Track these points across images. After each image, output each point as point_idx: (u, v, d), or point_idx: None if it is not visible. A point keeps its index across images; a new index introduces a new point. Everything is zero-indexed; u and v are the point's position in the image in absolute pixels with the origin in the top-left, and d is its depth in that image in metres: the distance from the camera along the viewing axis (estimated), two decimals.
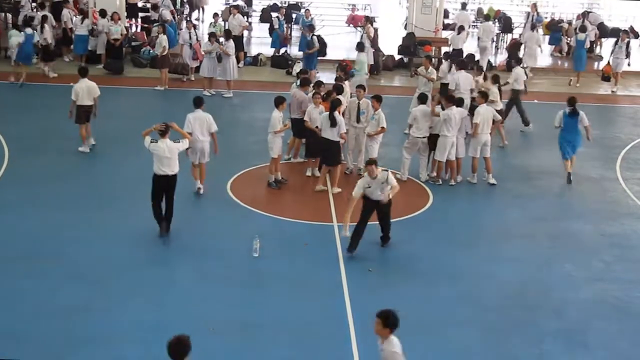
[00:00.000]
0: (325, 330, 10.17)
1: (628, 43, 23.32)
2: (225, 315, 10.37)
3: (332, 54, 25.33)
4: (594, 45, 28.54)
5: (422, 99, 15.48)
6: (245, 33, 25.99)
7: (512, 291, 11.45)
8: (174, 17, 26.08)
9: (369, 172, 11.97)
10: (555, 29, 28.61)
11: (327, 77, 20.09)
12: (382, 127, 14.80)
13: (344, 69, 18.23)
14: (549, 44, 28.78)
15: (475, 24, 29.46)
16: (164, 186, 12.39)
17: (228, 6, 27.45)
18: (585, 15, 28.10)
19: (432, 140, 15.28)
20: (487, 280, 11.84)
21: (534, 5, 27.32)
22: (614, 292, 11.59)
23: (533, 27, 26.18)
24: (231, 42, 21.03)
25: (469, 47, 25.10)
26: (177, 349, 7.06)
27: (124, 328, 9.95)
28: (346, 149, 15.65)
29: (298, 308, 10.69)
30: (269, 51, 25.51)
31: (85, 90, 15.93)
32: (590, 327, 10.63)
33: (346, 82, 16.68)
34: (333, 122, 14.28)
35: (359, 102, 15.38)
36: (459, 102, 15.26)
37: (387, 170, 12.14)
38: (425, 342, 10.07)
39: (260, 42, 26.67)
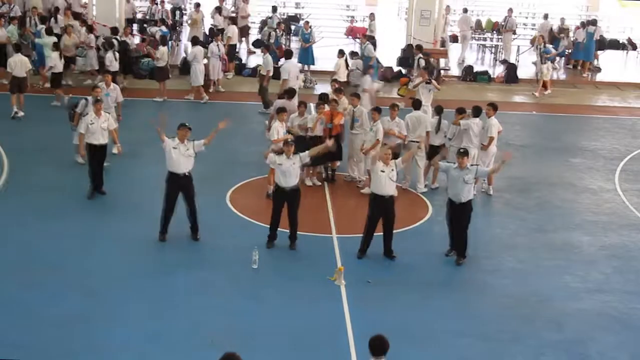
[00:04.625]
0: (324, 342, 10.14)
1: (419, 59, 22.21)
2: (224, 326, 10.34)
3: (329, 65, 25.36)
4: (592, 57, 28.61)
5: (416, 105, 15.84)
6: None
7: (511, 302, 11.43)
8: (174, 30, 26.21)
9: (384, 158, 12.33)
10: (555, 41, 28.22)
11: (325, 88, 20.22)
12: (378, 140, 14.84)
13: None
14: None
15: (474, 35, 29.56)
16: None
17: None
18: (587, 24, 28.12)
19: (434, 151, 15.34)
20: (486, 291, 11.83)
21: (542, 37, 26.22)
22: (614, 303, 11.58)
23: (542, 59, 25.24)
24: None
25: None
26: None
27: (123, 338, 9.92)
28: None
29: (297, 319, 10.67)
30: None
31: (19, 64, 18.87)
32: (590, 338, 10.60)
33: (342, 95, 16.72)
34: (438, 128, 15.28)
35: (353, 110, 15.64)
36: (477, 112, 15.39)
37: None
38: (424, 352, 10.07)
39: (259, 54, 26.66)
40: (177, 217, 12.78)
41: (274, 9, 28.23)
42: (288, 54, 20.81)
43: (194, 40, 22.42)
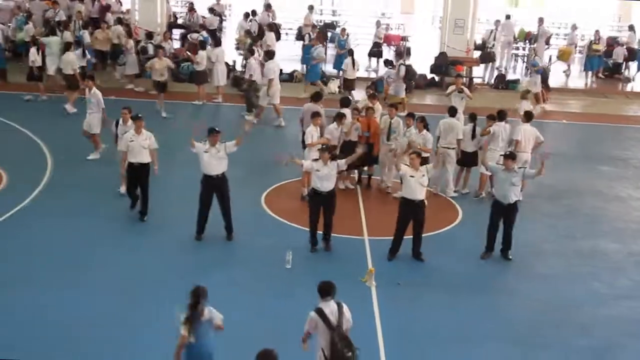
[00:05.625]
0: (353, 341, 10.32)
1: (400, 66, 22.31)
2: (256, 325, 10.52)
3: (364, 72, 25.74)
4: (623, 67, 28.59)
5: (451, 111, 16.02)
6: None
7: (540, 307, 11.58)
8: (216, 34, 26.66)
9: (412, 163, 12.50)
10: (590, 54, 28.00)
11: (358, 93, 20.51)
12: (409, 145, 15.02)
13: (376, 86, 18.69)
14: (585, 69, 28.26)
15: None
16: None
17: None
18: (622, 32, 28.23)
19: (467, 157, 15.62)
20: (515, 295, 11.98)
21: (533, 49, 26.06)
22: None
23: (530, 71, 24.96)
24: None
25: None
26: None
27: (153, 337, 10.05)
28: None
29: None
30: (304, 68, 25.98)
31: (65, 62, 20.37)
32: (618, 344, 10.71)
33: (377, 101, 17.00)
34: (473, 135, 15.49)
35: (390, 121, 15.78)
36: (503, 116, 15.61)
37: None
38: (452, 354, 10.25)
39: (295, 59, 27.07)
40: (215, 217, 13.11)
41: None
42: (270, 55, 21.14)
43: (216, 42, 23.14)
